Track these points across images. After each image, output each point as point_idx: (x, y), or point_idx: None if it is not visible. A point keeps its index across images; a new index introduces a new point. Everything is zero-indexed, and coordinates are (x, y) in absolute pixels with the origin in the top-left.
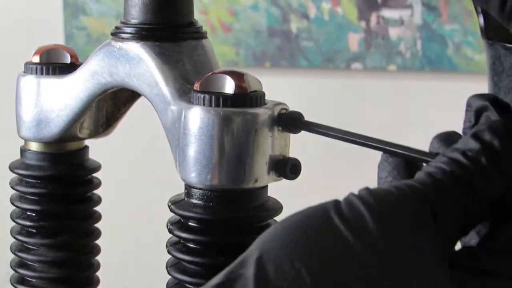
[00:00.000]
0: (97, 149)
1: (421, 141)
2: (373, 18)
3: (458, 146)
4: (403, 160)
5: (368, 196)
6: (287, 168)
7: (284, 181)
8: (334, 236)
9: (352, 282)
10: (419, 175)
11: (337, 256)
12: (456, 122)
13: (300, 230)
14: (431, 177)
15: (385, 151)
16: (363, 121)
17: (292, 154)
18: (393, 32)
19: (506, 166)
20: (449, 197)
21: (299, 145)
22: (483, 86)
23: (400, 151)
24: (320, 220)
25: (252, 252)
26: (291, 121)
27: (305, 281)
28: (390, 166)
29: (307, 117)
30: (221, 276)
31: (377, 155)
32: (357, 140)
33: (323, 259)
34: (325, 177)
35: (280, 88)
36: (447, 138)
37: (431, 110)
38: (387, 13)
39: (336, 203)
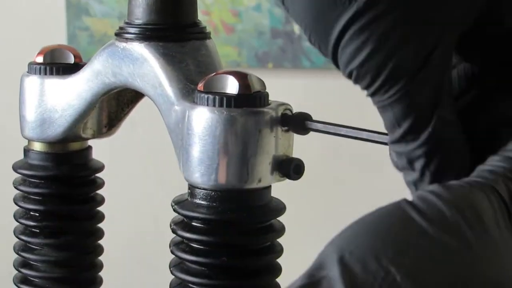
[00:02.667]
0: (100, 149)
1: None
2: None
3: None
4: None
5: (441, 191)
6: (291, 168)
7: (287, 181)
8: (416, 231)
9: (447, 277)
10: (476, 173)
11: (425, 252)
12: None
13: (379, 228)
14: (493, 172)
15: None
16: (366, 122)
17: (295, 154)
18: None
19: None
20: None
21: (302, 146)
22: None
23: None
24: (398, 217)
25: (330, 253)
26: (299, 122)
27: (396, 279)
28: None
29: None
30: (300, 280)
31: (383, 154)
32: (366, 138)
33: (410, 255)
34: (329, 177)
35: (283, 89)
36: None
37: None
38: None
39: (407, 200)
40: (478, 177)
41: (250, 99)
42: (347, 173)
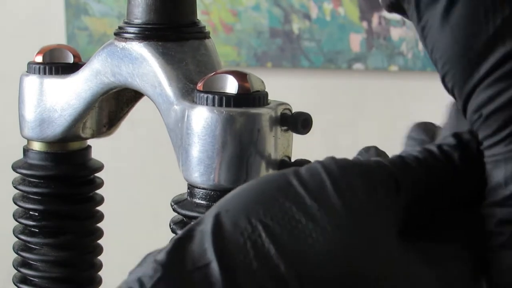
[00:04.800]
0: (99, 149)
1: None
2: (375, 19)
3: (436, 141)
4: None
5: (331, 164)
6: (299, 123)
7: None
8: (291, 197)
9: (306, 242)
10: (391, 157)
11: (292, 216)
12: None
13: (258, 191)
14: (401, 158)
15: None
16: (365, 122)
17: (295, 154)
18: (395, 33)
19: (477, 168)
20: (415, 178)
21: (302, 146)
22: None
23: None
24: (278, 183)
25: (211, 211)
26: (299, 122)
27: (261, 236)
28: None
29: None
30: (180, 233)
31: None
32: None
33: (278, 216)
34: None
35: (281, 88)
36: (427, 128)
37: (432, 110)
38: (388, 13)
39: (296, 169)
40: (382, 159)
41: (250, 98)
42: None
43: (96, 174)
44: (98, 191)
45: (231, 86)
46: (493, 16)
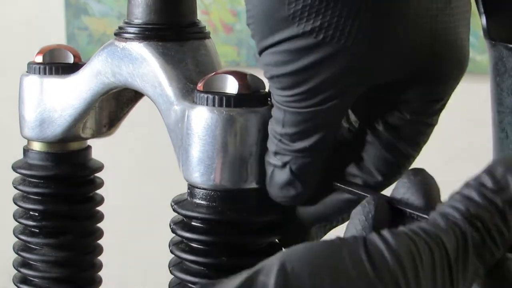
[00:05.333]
0: (100, 149)
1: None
2: None
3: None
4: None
5: (390, 238)
6: None
7: None
8: (358, 269)
9: None
10: (433, 215)
11: (356, 284)
12: (457, 123)
13: (328, 254)
14: (445, 218)
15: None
16: None
17: None
18: None
19: None
20: (463, 248)
21: None
22: (484, 87)
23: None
24: (348, 250)
25: (274, 262)
26: None
27: None
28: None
29: None
30: (240, 280)
31: None
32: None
33: (340, 278)
34: None
35: None
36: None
37: None
38: None
39: (365, 239)
40: (430, 225)
41: (250, 98)
42: None
43: (96, 174)
44: (98, 191)
45: (231, 86)
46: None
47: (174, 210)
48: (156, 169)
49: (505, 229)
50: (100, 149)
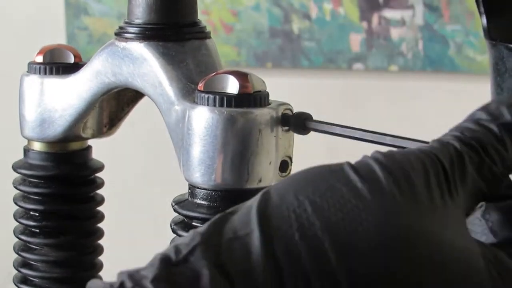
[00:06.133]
0: (100, 149)
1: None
2: (375, 19)
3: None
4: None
5: (380, 155)
6: (300, 123)
7: None
8: (342, 180)
9: (355, 220)
10: (430, 142)
11: (342, 196)
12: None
13: (309, 173)
14: (440, 142)
15: (398, 147)
16: (365, 122)
17: (295, 154)
18: (395, 33)
19: None
20: (458, 159)
21: (302, 146)
22: (484, 87)
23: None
24: (330, 167)
25: (264, 190)
26: (300, 122)
27: (307, 211)
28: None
29: None
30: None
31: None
32: (369, 139)
33: (327, 195)
34: None
35: (281, 88)
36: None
37: (432, 110)
38: (388, 13)
39: (349, 163)
40: (425, 147)
41: (251, 99)
42: None
43: (97, 174)
44: (98, 191)
45: (232, 86)
46: None
47: (175, 210)
48: (156, 169)
49: (502, 148)
50: (100, 149)
